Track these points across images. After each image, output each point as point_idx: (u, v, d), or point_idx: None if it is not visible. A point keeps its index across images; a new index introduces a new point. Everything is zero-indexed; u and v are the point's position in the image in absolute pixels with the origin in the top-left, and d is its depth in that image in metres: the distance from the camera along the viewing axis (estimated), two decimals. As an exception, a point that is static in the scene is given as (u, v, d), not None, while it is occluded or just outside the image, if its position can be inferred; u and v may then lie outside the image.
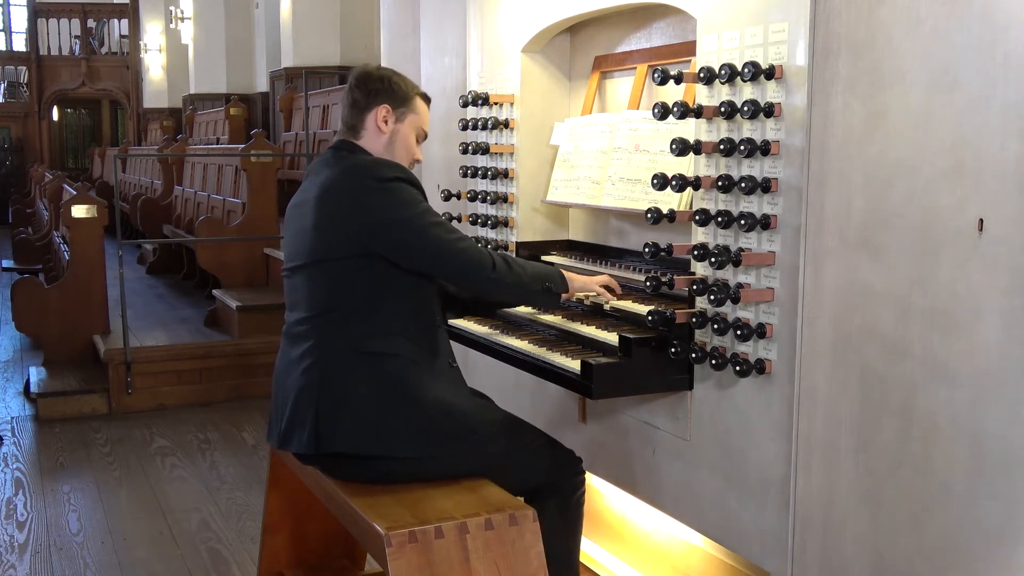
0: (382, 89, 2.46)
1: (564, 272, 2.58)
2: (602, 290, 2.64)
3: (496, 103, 3.26)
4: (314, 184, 2.41)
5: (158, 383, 6.01)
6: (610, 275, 2.71)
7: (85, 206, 6.42)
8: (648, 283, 2.37)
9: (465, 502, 2.25)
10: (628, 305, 2.62)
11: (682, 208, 2.47)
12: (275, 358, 2.53)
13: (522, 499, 2.37)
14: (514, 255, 3.22)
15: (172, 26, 16.65)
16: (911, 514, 1.90)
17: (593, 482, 3.00)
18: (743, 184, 2.19)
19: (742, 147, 2.19)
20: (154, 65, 18.62)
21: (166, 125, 15.68)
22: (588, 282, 2.63)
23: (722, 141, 2.24)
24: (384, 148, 2.47)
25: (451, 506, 2.23)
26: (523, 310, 2.92)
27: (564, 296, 2.56)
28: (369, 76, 2.48)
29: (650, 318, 2.34)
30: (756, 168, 2.21)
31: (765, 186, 2.17)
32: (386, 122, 2.46)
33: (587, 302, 2.70)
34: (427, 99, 2.56)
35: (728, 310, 2.30)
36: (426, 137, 2.58)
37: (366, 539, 2.21)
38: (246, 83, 15.69)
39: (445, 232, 2.34)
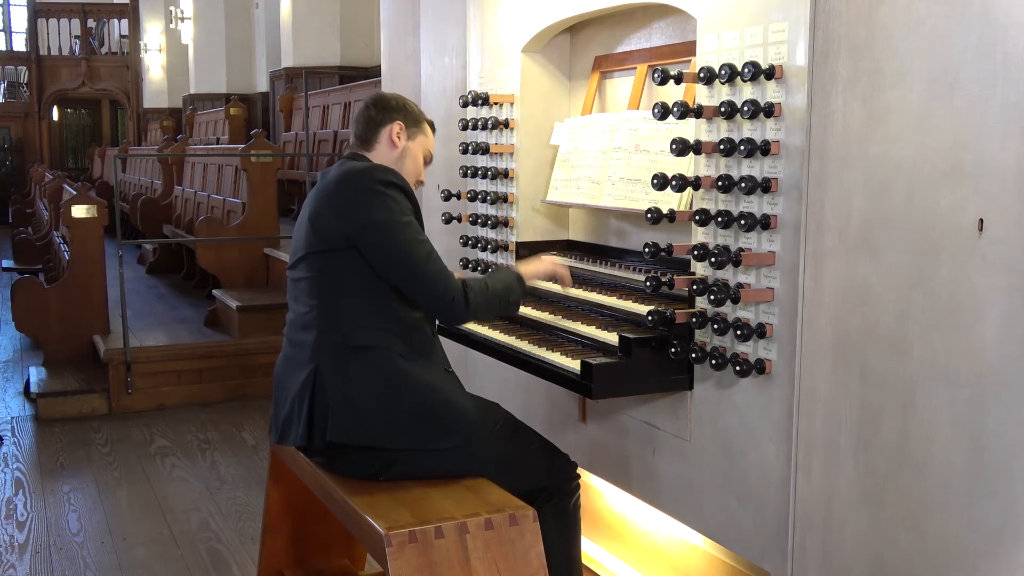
0: (397, 108, 2.58)
1: (520, 269, 2.65)
2: (561, 271, 2.71)
3: (496, 103, 3.26)
4: (317, 189, 2.49)
5: (158, 383, 6.02)
6: (557, 262, 2.80)
7: (85, 206, 6.42)
8: (648, 283, 2.37)
9: (465, 502, 2.25)
10: (628, 305, 2.62)
11: (682, 208, 2.47)
12: (275, 358, 2.54)
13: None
14: (515, 256, 3.22)
15: (172, 26, 16.65)
16: (911, 514, 1.90)
17: (593, 482, 3.00)
18: (743, 184, 2.19)
19: (742, 147, 2.19)
20: (154, 65, 18.62)
21: (166, 125, 15.68)
22: (548, 268, 2.72)
23: (722, 141, 2.24)
24: (394, 163, 2.54)
25: (451, 506, 2.23)
26: (522, 309, 2.92)
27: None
28: (385, 97, 2.62)
29: (650, 318, 2.34)
30: (756, 168, 2.21)
31: (765, 186, 2.17)
32: (399, 137, 2.55)
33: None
34: (434, 128, 2.70)
35: (728, 310, 2.30)
36: (431, 161, 2.69)
37: (366, 539, 2.21)
38: (246, 83, 15.69)
39: (421, 249, 2.37)
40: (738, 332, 2.20)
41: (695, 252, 2.31)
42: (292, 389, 2.39)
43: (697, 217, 2.32)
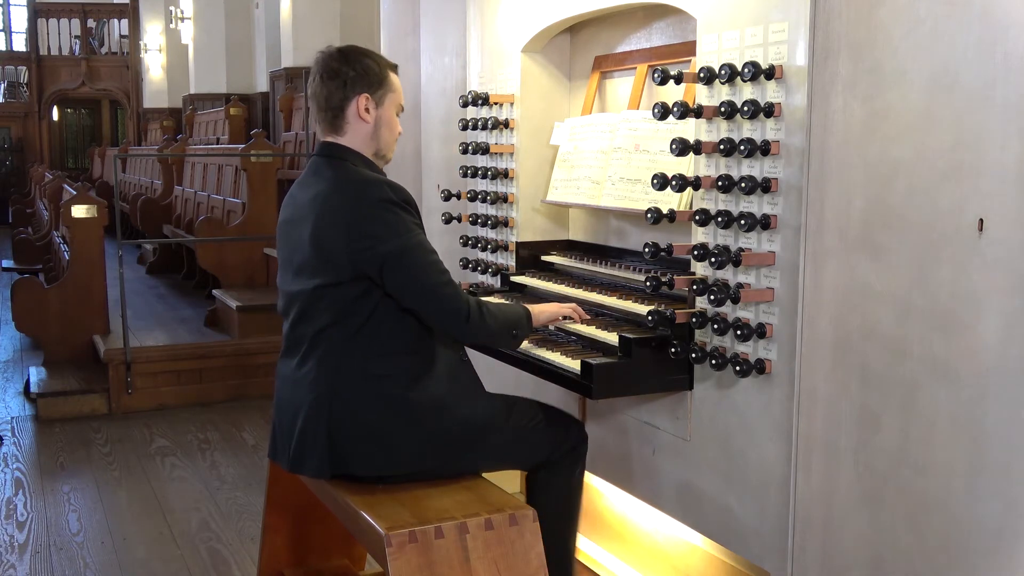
0: (358, 76, 2.36)
1: (530, 308, 2.55)
2: (570, 312, 2.64)
3: (496, 103, 3.26)
4: (307, 198, 2.36)
5: (158, 383, 6.01)
6: (565, 304, 2.71)
7: (85, 206, 6.42)
8: (648, 283, 2.37)
9: (465, 502, 2.25)
10: (628, 305, 2.62)
11: (682, 208, 2.47)
12: (275, 358, 2.52)
13: (525, 483, 2.41)
14: (515, 256, 3.22)
15: (172, 26, 16.63)
16: (911, 514, 1.90)
17: (593, 482, 3.00)
18: (743, 184, 2.19)
19: (742, 147, 2.19)
20: (154, 65, 18.61)
21: (166, 125, 15.66)
22: (559, 311, 2.63)
23: (722, 141, 2.24)
24: (370, 137, 2.40)
25: (451, 506, 2.23)
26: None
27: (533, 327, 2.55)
28: (341, 64, 2.37)
29: (650, 318, 2.34)
30: (756, 168, 2.21)
31: (765, 186, 2.17)
32: (368, 111, 2.37)
33: (552, 328, 2.72)
34: (397, 69, 2.47)
35: (728, 310, 2.30)
36: (403, 109, 2.49)
37: (366, 539, 2.21)
38: (246, 83, 15.67)
39: (434, 270, 2.30)
40: (738, 332, 2.21)
41: (695, 252, 2.31)
42: (300, 413, 2.34)
43: (697, 217, 2.32)
